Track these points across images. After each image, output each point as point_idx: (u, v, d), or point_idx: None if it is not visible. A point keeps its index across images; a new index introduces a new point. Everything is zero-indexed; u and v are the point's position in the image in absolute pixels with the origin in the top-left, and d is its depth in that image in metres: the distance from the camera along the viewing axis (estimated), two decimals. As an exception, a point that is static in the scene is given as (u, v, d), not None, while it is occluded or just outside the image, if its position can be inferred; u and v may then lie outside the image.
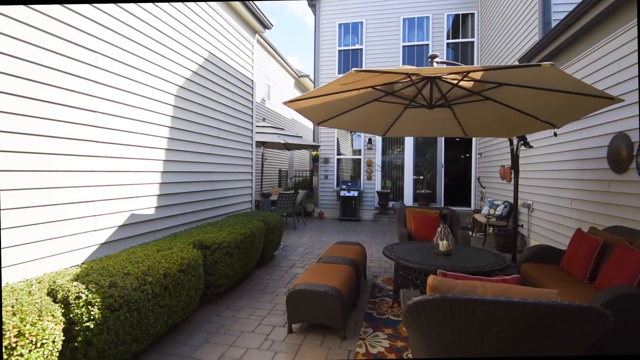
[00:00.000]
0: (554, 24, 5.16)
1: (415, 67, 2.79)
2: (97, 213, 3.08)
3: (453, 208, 9.90)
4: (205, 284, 3.41)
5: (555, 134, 3.88)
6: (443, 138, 9.79)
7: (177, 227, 4.18)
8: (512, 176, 6.81)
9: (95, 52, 3.06)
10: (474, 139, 9.56)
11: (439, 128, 4.90)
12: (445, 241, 3.29)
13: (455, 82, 3.36)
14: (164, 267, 2.71)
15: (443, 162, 9.84)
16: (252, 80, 6.29)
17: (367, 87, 3.57)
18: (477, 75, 3.13)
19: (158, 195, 3.87)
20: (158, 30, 3.87)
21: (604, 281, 2.74)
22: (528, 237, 5.75)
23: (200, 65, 4.71)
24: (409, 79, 3.26)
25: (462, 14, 9.48)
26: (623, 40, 3.42)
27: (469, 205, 9.64)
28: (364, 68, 2.39)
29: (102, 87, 3.13)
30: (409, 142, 9.95)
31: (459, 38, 9.53)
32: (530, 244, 5.70)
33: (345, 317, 2.87)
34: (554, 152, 4.92)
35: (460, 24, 9.53)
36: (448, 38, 9.55)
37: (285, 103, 3.39)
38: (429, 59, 3.52)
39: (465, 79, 3.23)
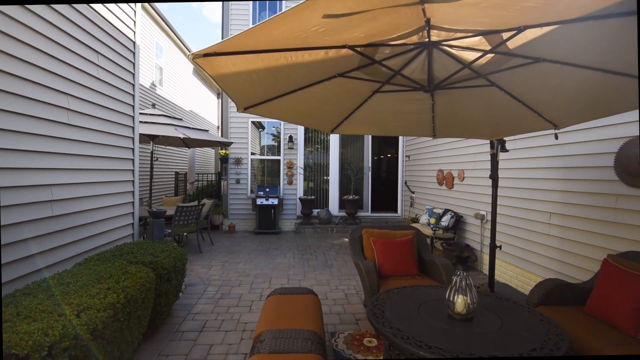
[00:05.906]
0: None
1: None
2: None
3: (379, 214, 9.26)
4: None
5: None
6: (370, 137, 9.00)
7: (-42, 301, 2.06)
8: (455, 183, 6.30)
9: None
10: (400, 139, 9.01)
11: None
12: (466, 297, 2.10)
13: (479, 53, 2.20)
14: None
15: (370, 164, 9.05)
16: (134, 43, 4.22)
17: (343, 47, 2.16)
18: (521, 40, 1.99)
19: None
20: None
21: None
22: (481, 252, 5.13)
23: (26, -8, 2.59)
24: (419, 32, 1.95)
25: None
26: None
27: (396, 211, 9.06)
28: None
29: None
30: (334, 139, 8.87)
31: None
32: (483, 259, 5.09)
33: None
34: (522, 158, 4.29)
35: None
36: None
37: (194, 55, 1.74)
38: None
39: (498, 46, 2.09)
